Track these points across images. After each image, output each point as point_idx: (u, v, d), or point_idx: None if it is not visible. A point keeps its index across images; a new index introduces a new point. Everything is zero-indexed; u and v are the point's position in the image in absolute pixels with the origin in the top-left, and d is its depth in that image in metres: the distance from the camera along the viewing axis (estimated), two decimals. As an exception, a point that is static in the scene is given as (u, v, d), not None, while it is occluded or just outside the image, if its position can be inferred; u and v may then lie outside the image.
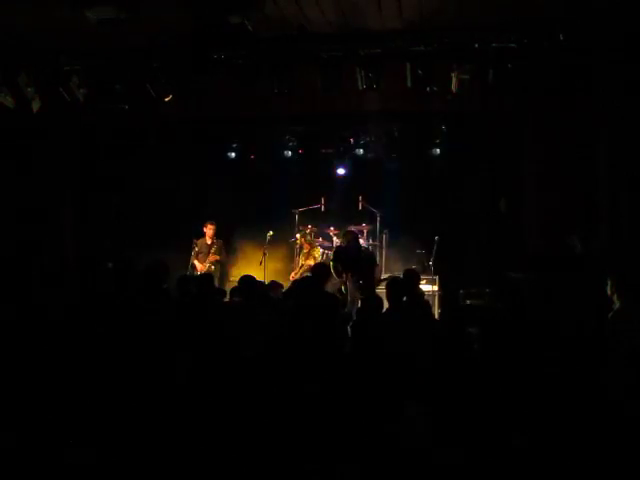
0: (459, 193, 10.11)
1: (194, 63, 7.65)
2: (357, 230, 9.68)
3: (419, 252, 10.06)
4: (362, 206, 10.35)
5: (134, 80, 7.97)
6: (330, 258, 9.12)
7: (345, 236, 8.87)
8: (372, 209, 10.30)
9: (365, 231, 10.21)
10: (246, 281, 6.14)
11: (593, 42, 6.90)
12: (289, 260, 10.55)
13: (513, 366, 3.91)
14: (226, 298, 6.85)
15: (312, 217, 10.57)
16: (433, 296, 8.99)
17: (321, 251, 10.07)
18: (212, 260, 9.75)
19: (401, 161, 10.52)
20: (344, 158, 10.79)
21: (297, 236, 10.25)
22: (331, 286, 7.76)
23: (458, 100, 7.93)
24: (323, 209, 10.57)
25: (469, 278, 9.03)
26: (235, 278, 8.03)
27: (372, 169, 10.61)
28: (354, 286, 8.18)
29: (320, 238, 10.46)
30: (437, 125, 10.11)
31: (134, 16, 6.32)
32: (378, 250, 10.15)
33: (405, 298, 6.07)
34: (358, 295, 7.88)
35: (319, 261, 9.65)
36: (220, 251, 9.89)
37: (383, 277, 8.69)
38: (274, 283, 7.61)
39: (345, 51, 7.43)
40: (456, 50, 7.21)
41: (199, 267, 9.69)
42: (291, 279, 9.48)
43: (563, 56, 6.98)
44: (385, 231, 10.27)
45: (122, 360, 4.39)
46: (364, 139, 10.49)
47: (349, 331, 5.95)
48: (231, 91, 8.18)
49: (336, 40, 7.41)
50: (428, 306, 6.86)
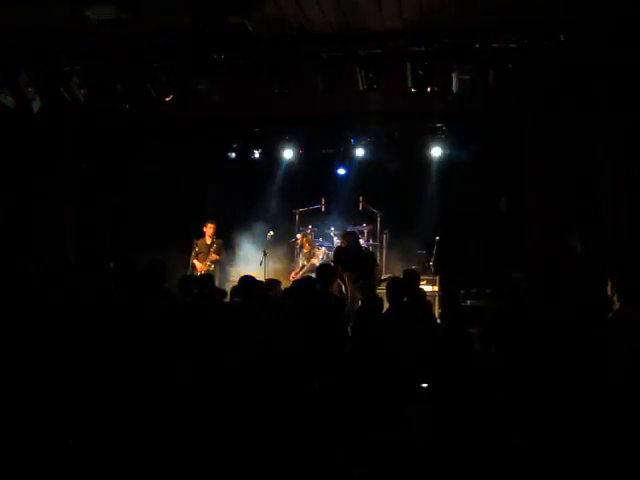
0: (459, 193, 10.10)
1: (194, 63, 7.64)
2: (357, 230, 9.69)
3: (419, 252, 10.07)
4: (362, 206, 10.36)
5: (134, 80, 7.97)
6: (331, 258, 9.12)
7: (345, 237, 8.87)
8: (372, 209, 10.30)
9: (365, 231, 10.21)
10: (246, 281, 6.13)
11: (593, 42, 6.90)
12: (289, 260, 10.55)
13: (513, 366, 3.91)
14: (226, 298, 6.85)
15: (312, 217, 10.58)
16: (433, 296, 8.99)
17: (324, 250, 10.06)
18: (212, 259, 9.75)
19: (401, 161, 10.52)
20: (344, 158, 10.79)
21: (297, 236, 10.25)
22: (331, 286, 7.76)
23: (458, 100, 7.93)
24: (323, 209, 10.58)
25: (469, 278, 9.03)
26: (235, 278, 8.02)
27: (372, 169, 10.61)
28: (354, 286, 8.18)
29: (320, 238, 10.46)
30: (437, 125, 10.11)
31: (134, 16, 6.33)
32: (378, 250, 10.16)
33: (405, 298, 6.07)
34: (358, 295, 7.88)
35: (321, 261, 9.64)
36: (219, 251, 9.90)
37: (383, 277, 8.69)
38: (272, 281, 7.62)
39: (345, 51, 7.42)
40: (456, 50, 7.19)
41: (199, 267, 9.70)
42: (291, 279, 9.48)
43: (563, 56, 6.99)
44: (385, 231, 10.29)
45: (122, 360, 4.39)
46: (364, 139, 10.48)
47: (349, 331, 5.96)
48: (231, 91, 8.18)
49: (336, 40, 7.41)
50: (429, 306, 6.86)
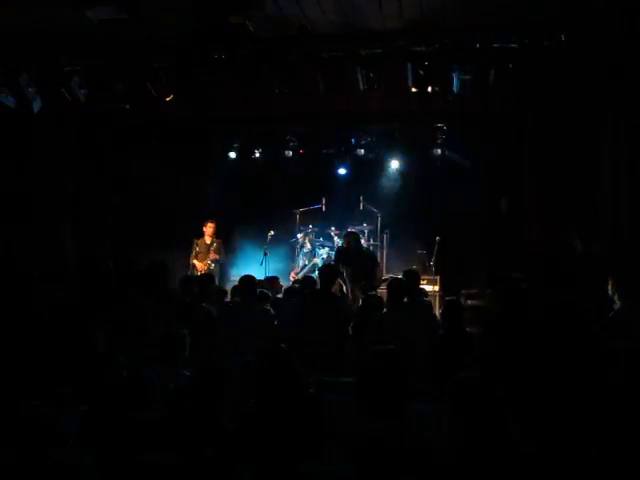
0: (460, 193, 10.09)
1: (194, 63, 7.64)
2: (358, 230, 9.68)
3: (420, 252, 10.06)
4: (363, 206, 10.35)
5: (134, 80, 7.97)
6: (332, 258, 9.12)
7: (347, 237, 8.86)
8: (373, 209, 10.29)
9: (366, 231, 10.20)
10: (246, 281, 6.13)
11: (593, 41, 6.90)
12: (290, 260, 10.54)
13: (514, 365, 3.91)
14: (227, 298, 6.86)
15: (313, 217, 10.57)
16: (434, 296, 8.98)
17: (326, 250, 10.04)
18: (212, 258, 9.71)
19: (402, 161, 10.52)
20: (345, 158, 10.78)
21: (298, 236, 10.25)
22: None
23: (459, 100, 7.92)
24: (324, 209, 10.57)
25: (470, 278, 9.02)
26: (235, 278, 8.02)
27: (373, 169, 10.60)
28: (355, 286, 8.17)
29: (321, 238, 10.45)
30: (438, 125, 10.10)
31: (134, 16, 6.33)
32: (379, 250, 10.15)
33: (406, 298, 6.07)
34: (359, 295, 7.87)
35: (322, 261, 9.64)
36: (219, 250, 9.87)
37: (384, 278, 8.68)
38: (271, 278, 7.62)
39: (346, 51, 7.42)
40: (457, 50, 7.20)
41: (199, 266, 9.67)
42: (292, 279, 9.48)
43: (564, 56, 6.98)
44: (386, 231, 10.28)
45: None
46: (365, 139, 10.48)
47: (350, 331, 5.96)
48: (232, 91, 8.18)
49: (337, 40, 7.41)
50: (429, 306, 6.86)
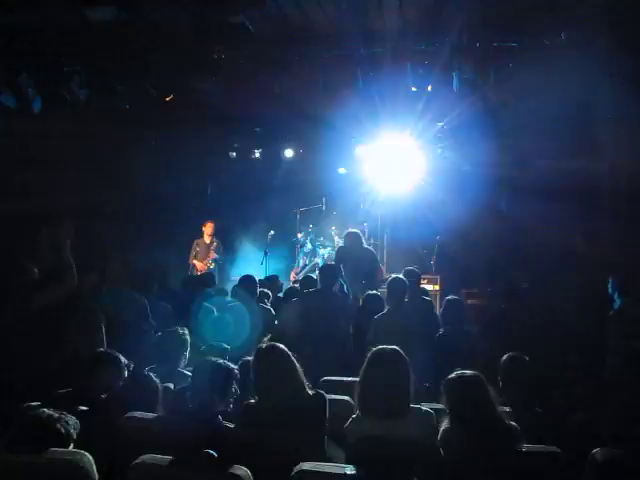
0: (461, 192, 10.07)
1: (194, 63, 7.64)
2: (358, 229, 9.66)
3: (420, 251, 10.05)
4: (363, 205, 10.34)
5: (134, 80, 7.97)
6: (333, 258, 9.11)
7: (347, 237, 8.85)
8: (373, 208, 10.28)
9: (366, 230, 10.19)
10: (247, 280, 6.14)
11: (594, 40, 6.89)
12: (290, 260, 10.54)
13: (514, 365, 3.90)
14: (227, 297, 6.85)
15: (313, 217, 10.57)
16: (434, 295, 8.98)
17: (328, 249, 10.04)
18: (212, 258, 9.70)
19: (402, 160, 10.49)
20: (345, 157, 10.77)
21: (298, 235, 10.25)
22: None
23: (459, 99, 7.92)
24: (324, 209, 10.57)
25: (470, 278, 9.01)
26: (236, 278, 8.03)
27: (373, 168, 10.57)
28: (356, 286, 8.16)
29: (321, 237, 10.45)
30: (438, 124, 10.07)
31: (134, 16, 6.33)
32: (379, 250, 10.14)
33: (406, 298, 6.06)
34: (360, 295, 7.87)
35: (323, 261, 9.64)
36: (218, 250, 9.85)
37: (385, 277, 8.67)
38: (271, 277, 7.63)
39: (346, 50, 7.42)
40: (457, 49, 7.20)
41: (199, 266, 9.66)
42: (292, 279, 9.47)
43: (564, 54, 6.98)
44: (386, 230, 10.26)
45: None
46: (365, 138, 10.45)
47: (351, 330, 5.96)
48: (232, 91, 8.18)
49: (337, 39, 7.41)
50: (430, 305, 6.86)
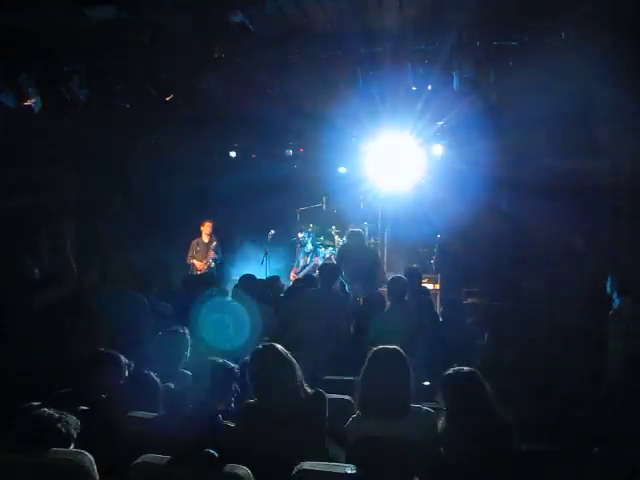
0: (461, 191, 10.08)
1: (195, 62, 7.64)
2: (359, 229, 9.66)
3: (421, 251, 10.07)
4: (363, 205, 10.35)
5: (135, 80, 7.97)
6: (334, 257, 9.12)
7: (350, 235, 8.86)
8: (373, 208, 10.29)
9: (367, 229, 10.20)
10: (247, 280, 6.14)
11: (594, 39, 6.88)
12: (291, 259, 10.54)
13: (514, 364, 3.91)
14: (228, 297, 6.86)
15: (314, 216, 10.57)
16: (435, 294, 8.99)
17: (330, 249, 10.04)
18: (212, 257, 9.67)
19: (402, 160, 10.50)
20: (345, 157, 10.77)
21: (299, 235, 10.25)
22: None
23: (459, 98, 7.92)
24: (324, 208, 10.57)
25: (471, 277, 9.02)
26: (236, 278, 8.03)
27: (373, 168, 10.57)
28: (357, 285, 8.17)
29: (322, 237, 10.46)
30: (438, 123, 10.07)
31: (134, 16, 6.33)
32: (379, 249, 10.15)
33: (407, 297, 6.08)
34: (361, 294, 7.87)
35: (324, 260, 9.64)
36: (217, 250, 9.81)
37: (386, 276, 8.68)
38: (272, 278, 7.63)
39: (346, 50, 7.42)
40: (457, 48, 7.19)
41: (199, 265, 9.63)
42: (292, 278, 9.47)
43: (564, 53, 6.97)
44: (387, 230, 10.27)
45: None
46: (365, 138, 10.45)
47: (351, 329, 5.97)
48: (232, 90, 8.17)
49: (337, 39, 7.40)
50: (430, 304, 6.87)
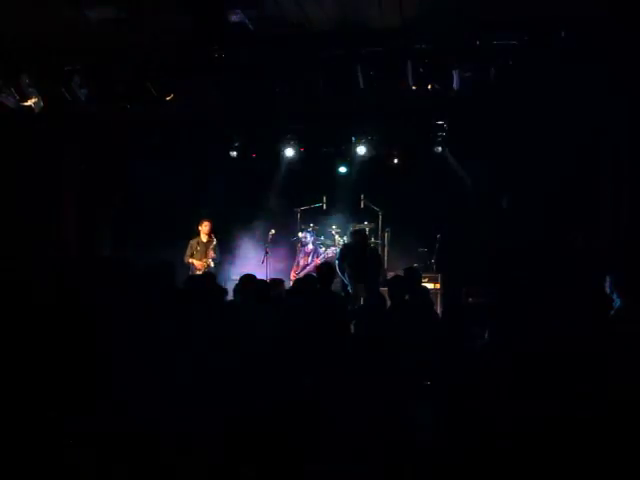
0: (461, 191, 10.08)
1: (195, 62, 7.65)
2: (359, 228, 9.67)
3: (421, 250, 10.07)
4: (364, 204, 10.35)
5: (135, 79, 7.97)
6: (336, 257, 9.11)
7: (354, 235, 8.85)
8: (374, 207, 10.29)
9: (367, 229, 10.20)
10: (247, 280, 6.13)
11: (594, 39, 6.89)
12: (291, 259, 10.54)
13: (515, 364, 3.90)
14: (228, 297, 6.85)
15: (314, 216, 10.57)
16: (435, 294, 8.99)
17: (332, 249, 10.04)
18: (211, 257, 9.61)
19: (403, 159, 10.51)
20: (345, 156, 10.77)
21: (300, 235, 10.25)
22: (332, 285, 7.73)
23: (459, 97, 7.92)
24: (325, 208, 10.58)
25: (471, 276, 9.02)
26: (236, 277, 8.02)
27: (373, 167, 10.60)
28: (359, 285, 8.16)
29: (322, 237, 10.45)
30: (439, 123, 10.08)
31: (134, 16, 6.33)
32: (380, 248, 10.15)
33: (407, 296, 6.07)
34: (363, 294, 7.87)
35: (323, 260, 9.63)
36: (216, 249, 9.77)
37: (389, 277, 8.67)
38: (274, 280, 7.60)
39: (346, 49, 7.42)
40: (457, 47, 7.20)
41: (198, 265, 9.58)
42: (292, 278, 9.47)
43: (565, 53, 6.98)
44: (387, 229, 10.27)
45: (124, 359, 4.38)
46: (365, 137, 10.46)
47: (352, 329, 5.96)
48: (232, 90, 8.18)
49: (336, 38, 7.41)
50: (431, 304, 6.86)
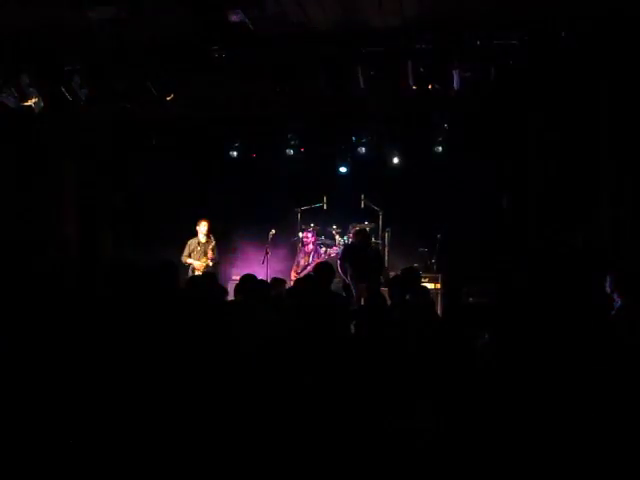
0: (461, 191, 10.08)
1: (195, 62, 7.65)
2: (359, 228, 9.66)
3: (421, 250, 10.07)
4: (364, 204, 10.35)
5: (135, 79, 7.98)
6: (337, 256, 9.11)
7: (356, 234, 8.84)
8: (374, 207, 10.29)
9: (367, 229, 10.19)
10: (247, 280, 6.13)
11: (595, 39, 6.88)
12: (292, 259, 10.53)
13: (515, 363, 3.90)
14: (228, 296, 6.85)
15: (314, 216, 10.57)
16: (436, 294, 8.99)
17: (334, 249, 10.03)
18: (211, 257, 9.56)
19: (403, 159, 10.51)
20: (346, 156, 10.77)
21: (300, 235, 10.24)
22: (333, 285, 7.72)
23: (460, 97, 7.92)
24: (325, 207, 10.57)
25: (471, 276, 9.01)
26: (237, 277, 8.01)
27: (374, 167, 10.59)
28: (360, 285, 8.16)
29: (322, 237, 10.45)
30: (439, 123, 10.08)
31: (134, 16, 6.33)
32: (380, 248, 10.15)
33: (407, 296, 6.06)
34: (364, 294, 7.86)
35: (322, 259, 9.61)
36: (214, 250, 9.72)
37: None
38: (276, 280, 7.60)
39: (346, 49, 7.42)
40: (457, 47, 7.20)
41: (197, 265, 9.53)
42: (293, 278, 9.45)
43: (565, 53, 6.97)
44: (387, 229, 10.27)
45: (125, 359, 4.38)
46: (366, 137, 10.46)
47: (352, 329, 5.96)
48: (232, 90, 8.18)
49: (337, 38, 7.41)
50: (431, 304, 6.85)
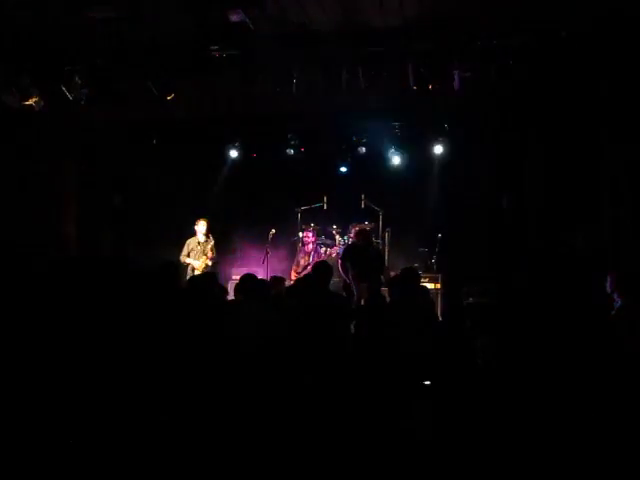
0: (462, 191, 10.08)
1: (195, 62, 7.65)
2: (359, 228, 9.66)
3: (421, 250, 10.06)
4: (364, 204, 10.34)
5: (135, 79, 7.98)
6: (338, 256, 9.11)
7: (358, 234, 8.84)
8: (374, 207, 10.29)
9: (367, 229, 10.19)
10: (247, 280, 6.13)
11: (595, 39, 6.89)
12: (292, 259, 10.53)
13: (515, 363, 3.91)
14: (228, 296, 6.86)
15: (314, 215, 10.56)
16: (436, 294, 8.99)
17: (336, 249, 10.03)
18: (210, 257, 9.53)
19: (403, 159, 10.51)
20: (346, 156, 10.77)
21: (300, 234, 10.24)
22: (332, 284, 7.72)
23: (460, 97, 7.92)
24: (325, 207, 10.57)
25: (471, 276, 9.01)
26: (237, 277, 8.01)
27: (374, 167, 10.59)
28: (361, 285, 8.16)
29: (323, 236, 10.45)
30: (439, 123, 10.07)
31: (134, 16, 6.34)
32: (381, 248, 10.15)
33: (407, 296, 6.06)
34: (365, 294, 7.86)
35: (321, 259, 9.61)
36: (214, 249, 9.69)
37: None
38: (276, 278, 7.60)
39: (346, 49, 7.42)
40: (458, 48, 7.20)
41: (196, 265, 9.50)
42: (293, 278, 9.45)
43: (565, 53, 6.98)
44: (387, 229, 10.27)
45: (125, 359, 4.39)
46: (366, 137, 10.46)
47: (352, 329, 5.96)
48: (232, 90, 8.18)
49: (337, 38, 7.41)
50: (431, 304, 6.86)
